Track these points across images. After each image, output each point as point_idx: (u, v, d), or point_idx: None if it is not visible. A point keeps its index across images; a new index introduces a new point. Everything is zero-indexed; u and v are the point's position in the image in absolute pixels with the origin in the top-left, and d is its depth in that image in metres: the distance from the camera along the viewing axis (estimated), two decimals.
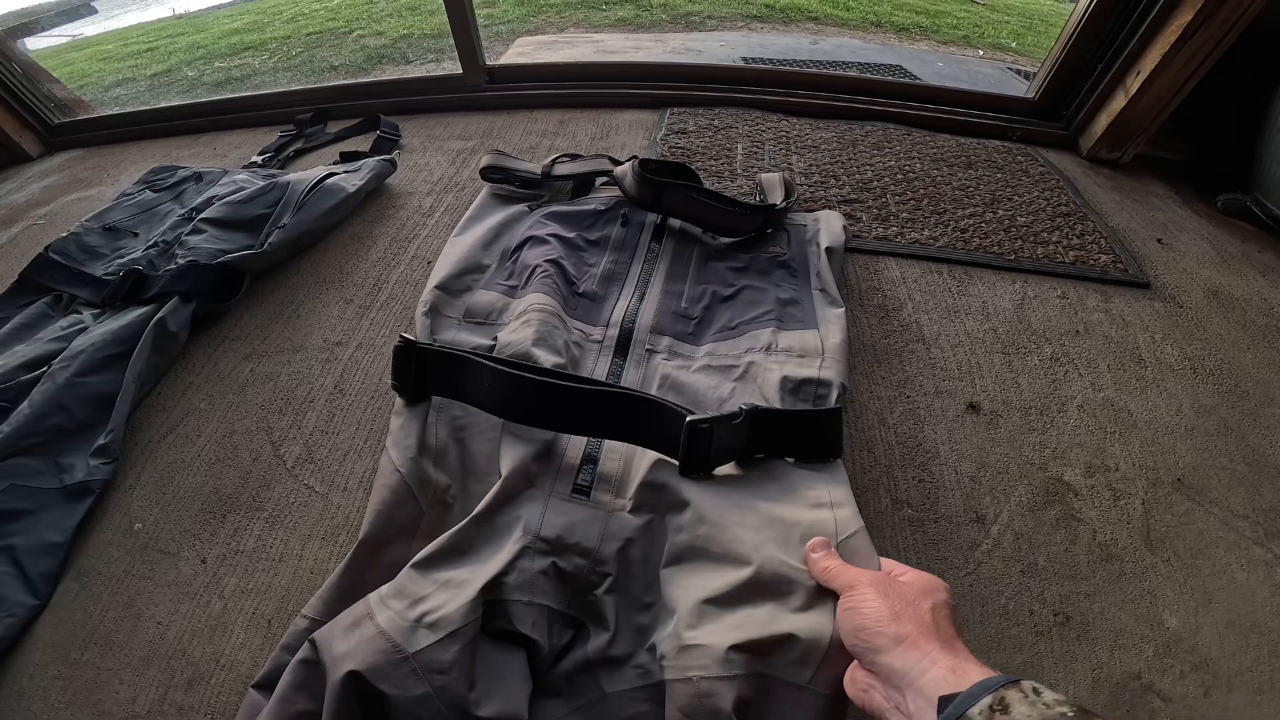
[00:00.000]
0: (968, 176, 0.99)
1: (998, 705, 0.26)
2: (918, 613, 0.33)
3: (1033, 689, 0.27)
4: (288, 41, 3.08)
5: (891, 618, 0.33)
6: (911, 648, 0.31)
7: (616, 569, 0.44)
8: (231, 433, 0.63)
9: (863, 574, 0.37)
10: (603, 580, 0.44)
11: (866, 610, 0.34)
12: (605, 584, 0.44)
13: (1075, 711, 0.25)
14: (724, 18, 3.00)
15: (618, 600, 0.43)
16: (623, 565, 0.45)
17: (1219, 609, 0.51)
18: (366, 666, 0.35)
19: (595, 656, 0.41)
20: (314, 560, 0.53)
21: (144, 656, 0.48)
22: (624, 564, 0.45)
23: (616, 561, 0.44)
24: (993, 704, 0.26)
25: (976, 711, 0.26)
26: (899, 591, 0.34)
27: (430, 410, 0.53)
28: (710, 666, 0.37)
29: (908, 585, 0.35)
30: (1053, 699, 0.26)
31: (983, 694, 0.27)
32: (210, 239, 0.79)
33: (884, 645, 0.32)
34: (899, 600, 0.34)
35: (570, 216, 0.76)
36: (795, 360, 0.58)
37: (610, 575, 0.44)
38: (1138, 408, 0.66)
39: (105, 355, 0.65)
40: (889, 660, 0.32)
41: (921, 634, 0.31)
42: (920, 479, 0.59)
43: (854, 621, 0.35)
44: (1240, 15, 0.86)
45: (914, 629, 0.32)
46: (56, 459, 0.59)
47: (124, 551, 0.54)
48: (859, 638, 0.34)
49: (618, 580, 0.44)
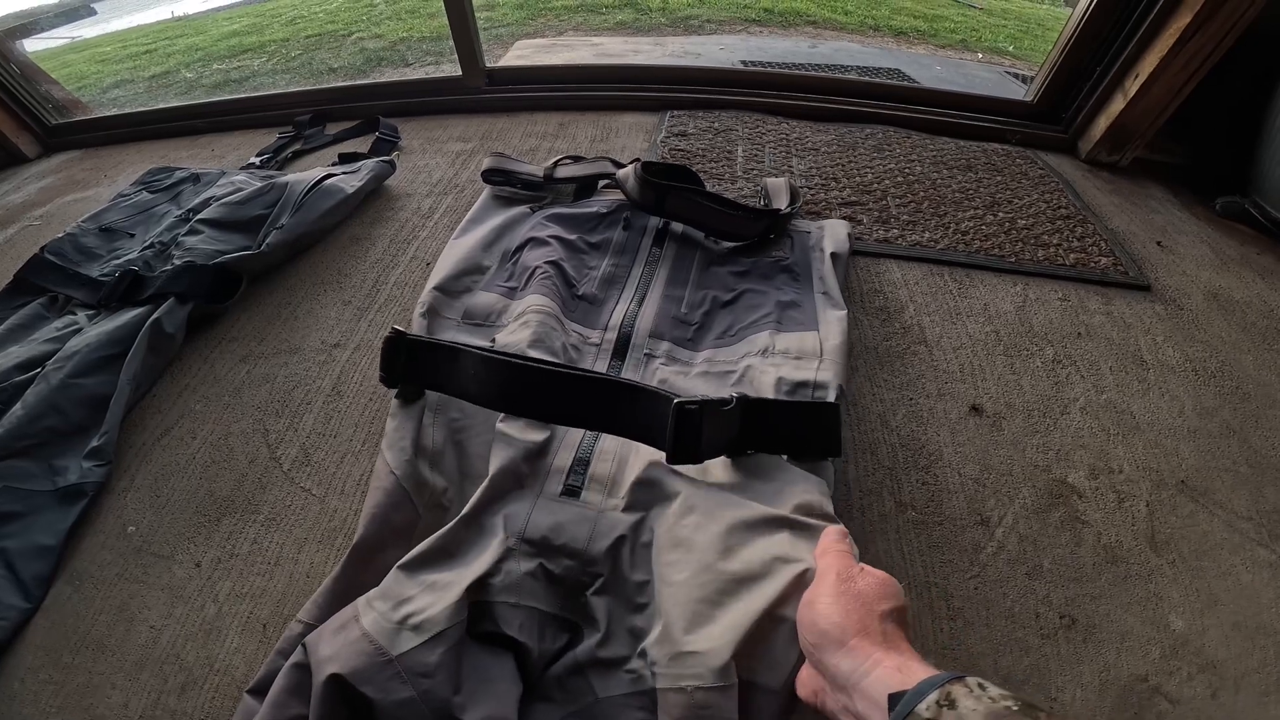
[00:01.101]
0: (968, 179, 0.99)
1: (944, 701, 0.27)
2: (867, 616, 0.33)
3: (978, 684, 0.27)
4: (286, 44, 3.08)
5: (840, 618, 0.33)
6: (855, 650, 0.31)
7: (608, 569, 0.44)
8: (227, 435, 0.62)
9: (831, 566, 0.37)
10: (593, 581, 0.43)
11: (820, 607, 0.34)
12: (596, 585, 0.43)
13: (1020, 705, 0.26)
14: (723, 21, 3.01)
15: (609, 602, 0.43)
16: (614, 565, 0.44)
17: (1225, 611, 0.51)
18: (349, 669, 0.35)
19: (587, 659, 0.40)
20: (310, 564, 0.52)
21: (137, 661, 0.47)
22: (615, 564, 0.44)
23: (607, 561, 0.44)
24: (939, 699, 0.27)
25: (924, 708, 0.27)
26: (856, 592, 0.34)
27: (426, 411, 0.53)
28: (706, 676, 0.36)
29: (864, 588, 0.35)
30: (998, 694, 0.26)
31: (929, 690, 0.27)
32: (207, 240, 0.79)
33: (829, 646, 0.32)
34: (853, 601, 0.34)
35: (572, 219, 0.76)
36: (792, 363, 0.57)
37: (601, 576, 0.43)
38: (1140, 410, 0.66)
39: (100, 356, 0.64)
40: (834, 660, 0.32)
41: (866, 637, 0.32)
42: (924, 481, 0.58)
43: (806, 616, 0.35)
44: (1238, 18, 0.87)
45: (859, 632, 0.32)
46: (50, 461, 0.58)
47: (117, 554, 0.53)
48: (807, 634, 0.34)
49: (609, 581, 0.43)
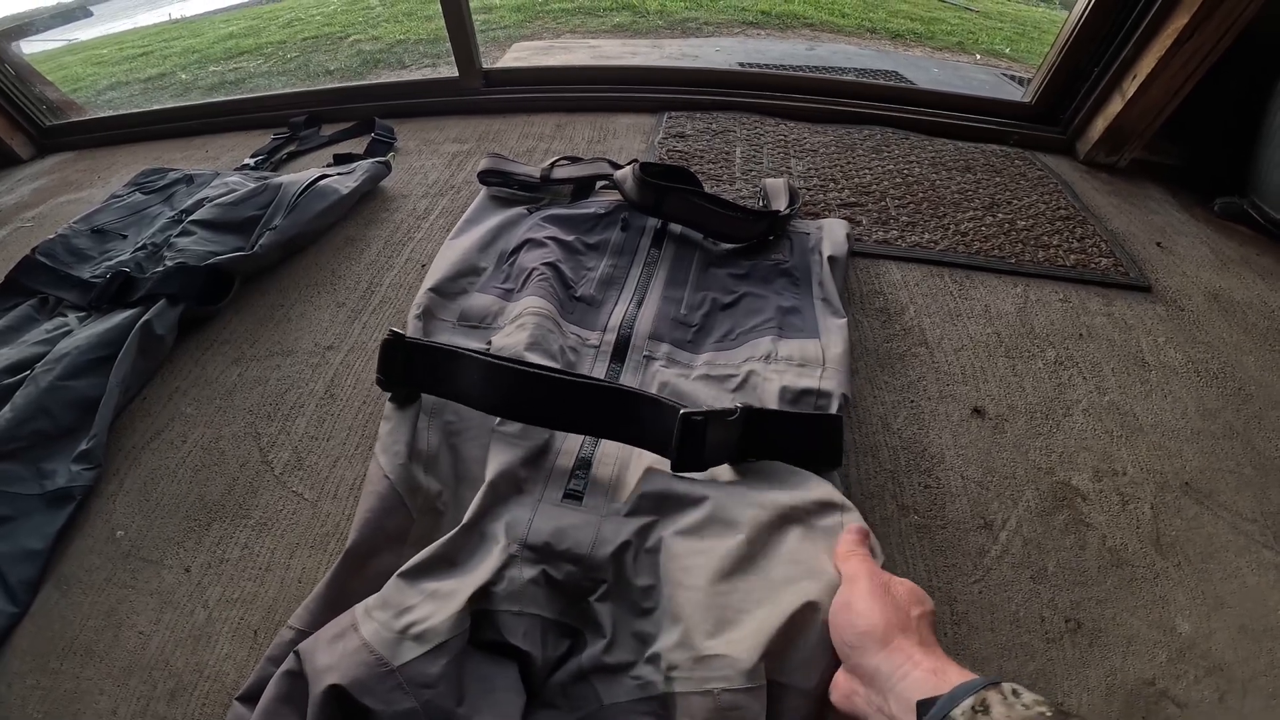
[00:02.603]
0: (966, 180, 0.99)
1: (979, 706, 0.27)
2: (905, 618, 0.33)
3: (1012, 690, 0.27)
4: (283, 46, 3.08)
5: (881, 619, 0.33)
6: (896, 650, 0.32)
7: (612, 575, 0.43)
8: (218, 438, 0.61)
9: (862, 570, 0.37)
10: (597, 587, 0.42)
11: (859, 608, 0.34)
12: (600, 590, 0.42)
13: (1054, 712, 0.26)
14: (720, 24, 3.01)
15: (614, 607, 0.42)
16: (618, 570, 0.43)
17: (1231, 613, 0.50)
18: (350, 680, 0.34)
19: (591, 665, 0.39)
20: (302, 569, 0.51)
21: (125, 667, 0.46)
22: (619, 569, 0.43)
23: (611, 567, 0.43)
24: (975, 705, 0.27)
25: (959, 712, 0.27)
26: (892, 596, 0.35)
27: (421, 414, 0.52)
28: (734, 678, 0.35)
29: (899, 592, 0.35)
30: (1031, 699, 0.27)
31: (964, 696, 0.27)
32: (200, 241, 0.78)
33: (870, 646, 0.33)
34: (890, 605, 0.34)
35: (569, 220, 0.75)
36: (795, 370, 0.57)
37: (605, 582, 0.43)
38: (1143, 411, 0.65)
39: (90, 359, 0.63)
40: (874, 662, 0.32)
41: (906, 638, 0.32)
42: (926, 485, 0.58)
43: (843, 618, 0.35)
44: (1236, 18, 0.87)
45: (899, 633, 0.32)
46: (38, 464, 0.57)
47: (106, 559, 0.52)
48: (845, 636, 0.34)
49: (613, 586, 0.42)
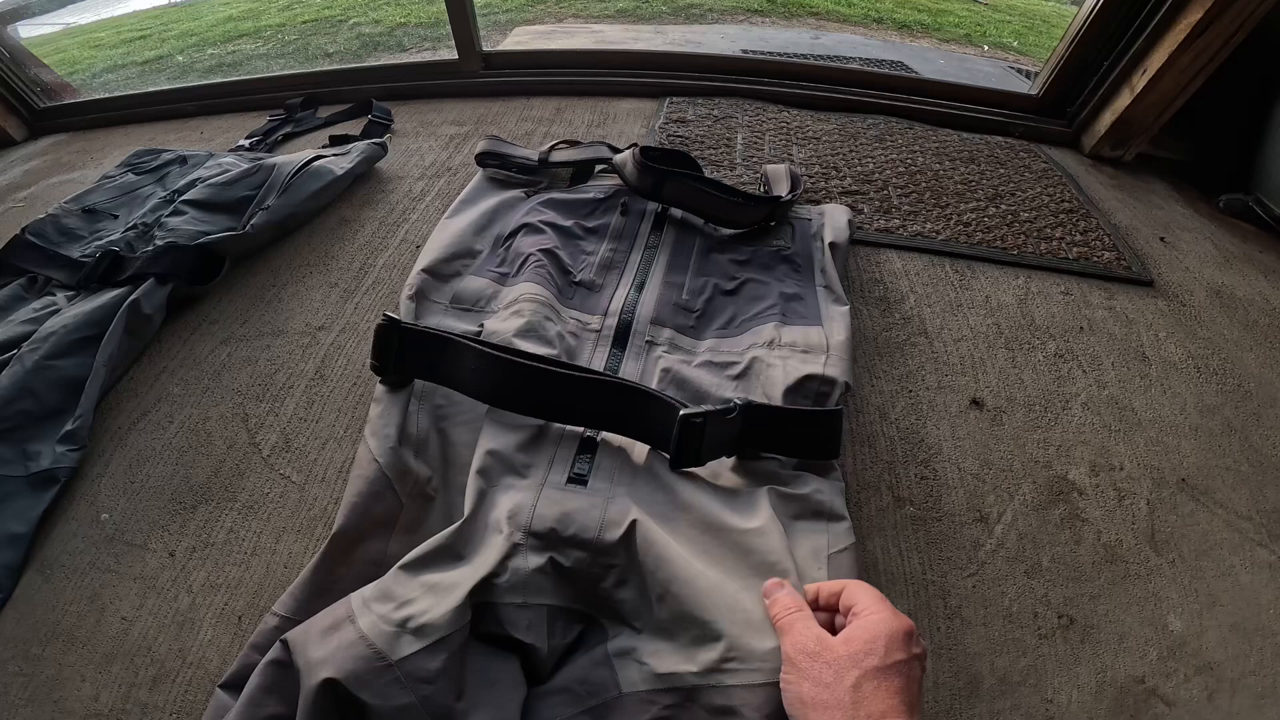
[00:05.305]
0: (970, 171, 0.97)
1: None
2: (836, 693, 0.31)
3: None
4: (282, 29, 3.04)
5: (808, 707, 0.32)
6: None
7: (624, 559, 0.41)
8: (205, 420, 0.60)
9: (793, 646, 0.35)
10: (608, 573, 0.41)
11: (788, 695, 0.34)
12: (611, 577, 0.41)
13: None
14: (724, 11, 2.98)
15: (629, 592, 0.41)
16: (629, 554, 0.41)
17: (1223, 612, 0.50)
18: (345, 674, 0.33)
19: (610, 653, 0.38)
20: (288, 554, 0.51)
21: (107, 653, 0.45)
22: (630, 553, 0.41)
23: (622, 550, 0.41)
24: None
25: None
26: (827, 662, 0.33)
27: (412, 398, 0.51)
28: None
29: (841, 656, 0.33)
30: None
31: None
32: (191, 220, 0.76)
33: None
34: (817, 683, 0.32)
35: (568, 204, 0.74)
36: (799, 356, 0.56)
37: (616, 566, 0.41)
38: (1142, 406, 0.65)
39: (76, 338, 0.62)
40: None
41: (830, 712, 0.31)
42: (923, 476, 0.57)
43: (782, 702, 0.34)
44: (1250, 14, 0.85)
45: (823, 717, 0.31)
46: (23, 445, 0.56)
47: (89, 543, 0.52)
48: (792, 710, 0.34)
49: (627, 571, 0.41)
